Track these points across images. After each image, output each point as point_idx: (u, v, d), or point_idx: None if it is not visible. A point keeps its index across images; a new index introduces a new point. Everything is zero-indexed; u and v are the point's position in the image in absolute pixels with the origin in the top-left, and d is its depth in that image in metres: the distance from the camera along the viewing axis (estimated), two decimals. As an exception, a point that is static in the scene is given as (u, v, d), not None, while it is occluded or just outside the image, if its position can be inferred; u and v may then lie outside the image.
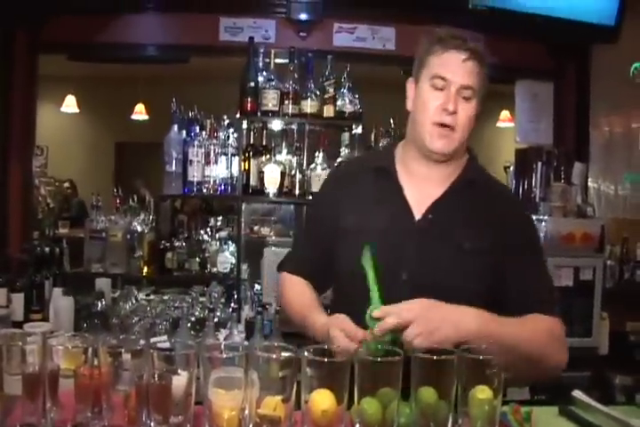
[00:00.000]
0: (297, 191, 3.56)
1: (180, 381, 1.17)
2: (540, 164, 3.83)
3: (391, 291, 1.52)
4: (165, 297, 3.46)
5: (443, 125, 1.67)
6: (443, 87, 1.66)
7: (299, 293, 1.89)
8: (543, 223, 3.34)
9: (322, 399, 1.15)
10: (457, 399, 1.20)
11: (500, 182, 1.92)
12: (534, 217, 3.41)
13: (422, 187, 1.75)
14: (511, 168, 4.09)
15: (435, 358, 1.17)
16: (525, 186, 3.85)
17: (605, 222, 3.67)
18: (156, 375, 1.16)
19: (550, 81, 4.33)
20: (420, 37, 1.76)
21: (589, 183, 4.35)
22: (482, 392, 1.20)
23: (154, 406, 1.16)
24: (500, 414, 1.23)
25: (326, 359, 1.14)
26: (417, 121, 1.73)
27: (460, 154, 1.77)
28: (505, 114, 7.29)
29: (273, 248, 3.51)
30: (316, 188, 3.43)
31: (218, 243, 3.72)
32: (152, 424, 1.16)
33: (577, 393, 1.53)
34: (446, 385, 1.19)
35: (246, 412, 1.15)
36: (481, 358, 1.19)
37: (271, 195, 3.48)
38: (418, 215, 1.71)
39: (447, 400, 1.19)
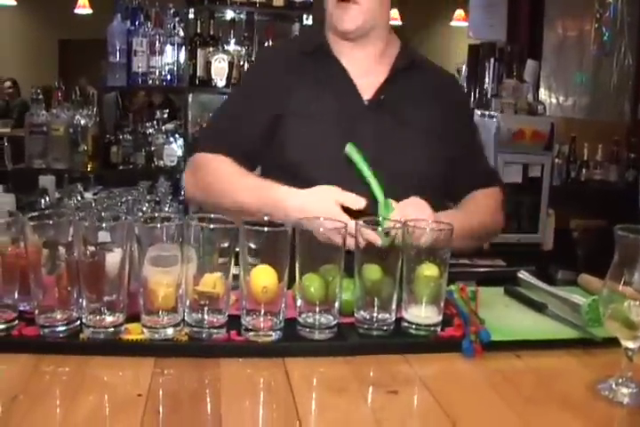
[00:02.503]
0: (245, 82, 3.44)
1: (113, 258, 1.11)
2: (492, 60, 3.77)
3: (346, 172, 1.45)
4: (112, 194, 3.38)
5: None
6: None
7: (231, 171, 1.58)
8: (494, 119, 3.31)
9: (262, 275, 1.12)
10: (402, 276, 1.17)
11: (436, 64, 1.86)
12: (486, 113, 3.40)
13: (363, 68, 1.66)
14: (464, 67, 4.02)
15: (379, 229, 1.13)
16: (477, 82, 3.79)
17: (555, 121, 3.66)
18: (87, 252, 1.11)
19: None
20: None
21: (541, 83, 4.31)
22: (428, 269, 1.17)
23: (86, 285, 1.11)
24: (445, 293, 1.21)
25: (266, 229, 1.10)
26: (325, 3, 1.63)
27: (380, 32, 1.67)
28: (459, 13, 7.13)
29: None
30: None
31: (164, 136, 3.59)
32: (84, 303, 1.12)
33: (522, 274, 1.54)
34: (391, 261, 1.16)
35: (182, 288, 1.11)
36: (428, 229, 1.16)
37: (219, 86, 3.37)
38: (366, 96, 1.64)
39: (392, 277, 1.16)
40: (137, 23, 3.44)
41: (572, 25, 4.44)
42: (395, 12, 7.59)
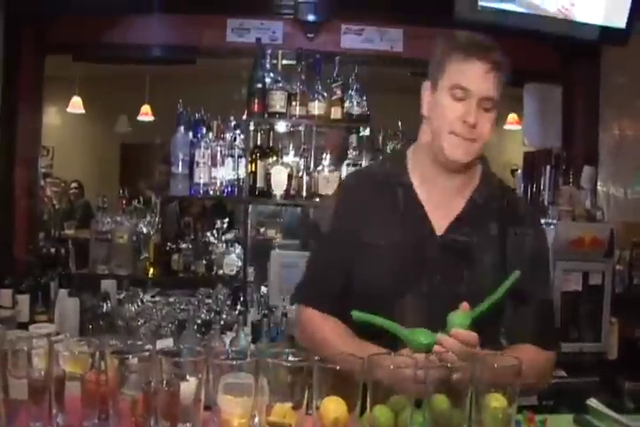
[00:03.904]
0: (304, 193, 3.54)
1: (188, 387, 1.14)
2: (548, 167, 3.80)
3: (411, 306, 1.54)
4: (171, 299, 3.44)
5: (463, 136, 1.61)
6: (463, 98, 1.60)
7: (337, 337, 1.64)
8: (552, 227, 3.30)
9: (333, 407, 1.13)
10: (471, 407, 1.17)
11: (513, 191, 1.88)
12: (542, 221, 3.40)
13: (441, 199, 1.69)
14: (519, 171, 4.06)
15: (448, 365, 1.14)
16: (534, 189, 3.82)
17: (615, 226, 3.64)
18: (163, 381, 1.14)
19: (559, 84, 4.30)
20: (438, 38, 1.69)
21: (598, 187, 4.31)
22: (496, 400, 1.17)
23: (161, 413, 1.14)
24: (514, 425, 1.20)
25: (337, 367, 1.12)
26: (435, 129, 1.66)
27: (475, 162, 1.71)
28: (512, 116, 7.25)
29: (279, 251, 3.48)
30: (323, 190, 3.42)
31: (224, 245, 3.69)
32: (160, 431, 1.14)
33: (592, 402, 1.50)
34: (460, 393, 1.16)
35: (256, 419, 1.13)
36: (495, 365, 1.16)
37: (278, 197, 3.47)
38: (439, 231, 1.66)
39: (461, 408, 1.16)
40: (199, 135, 3.59)
41: (628, 129, 4.46)
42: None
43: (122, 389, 1.18)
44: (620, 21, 3.74)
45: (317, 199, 3.48)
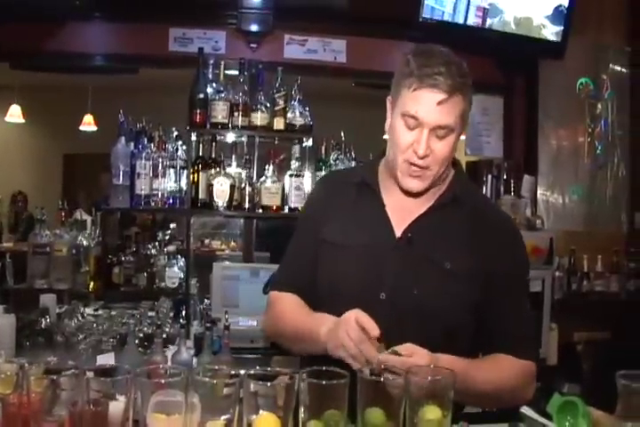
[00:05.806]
0: (247, 205, 3.50)
1: (117, 407, 1.11)
2: (489, 177, 3.87)
3: (370, 309, 1.48)
4: (113, 313, 3.37)
5: (415, 164, 1.57)
6: (414, 127, 1.54)
7: (292, 305, 1.76)
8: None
9: (266, 423, 1.11)
10: (405, 420, 1.17)
11: (488, 199, 1.88)
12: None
13: (405, 203, 1.67)
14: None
15: (382, 380, 1.14)
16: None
17: (554, 234, 3.71)
18: (91, 402, 1.10)
19: (500, 95, 4.38)
20: (402, 55, 1.60)
21: (538, 195, 4.40)
22: (430, 412, 1.17)
23: (89, 434, 1.10)
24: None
25: (269, 384, 1.10)
26: (390, 152, 1.63)
27: (438, 180, 1.65)
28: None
29: (224, 263, 3.45)
30: (266, 201, 3.42)
31: (166, 257, 3.63)
32: (87, 453, 1.10)
33: (525, 409, 1.52)
34: (394, 406, 1.15)
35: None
36: (429, 378, 1.16)
37: (220, 208, 3.42)
38: (399, 232, 1.65)
39: (395, 421, 1.16)
40: (140, 146, 3.53)
41: (565, 140, 4.57)
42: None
43: (53, 410, 1.14)
44: (556, 36, 3.84)
45: (260, 211, 3.46)
